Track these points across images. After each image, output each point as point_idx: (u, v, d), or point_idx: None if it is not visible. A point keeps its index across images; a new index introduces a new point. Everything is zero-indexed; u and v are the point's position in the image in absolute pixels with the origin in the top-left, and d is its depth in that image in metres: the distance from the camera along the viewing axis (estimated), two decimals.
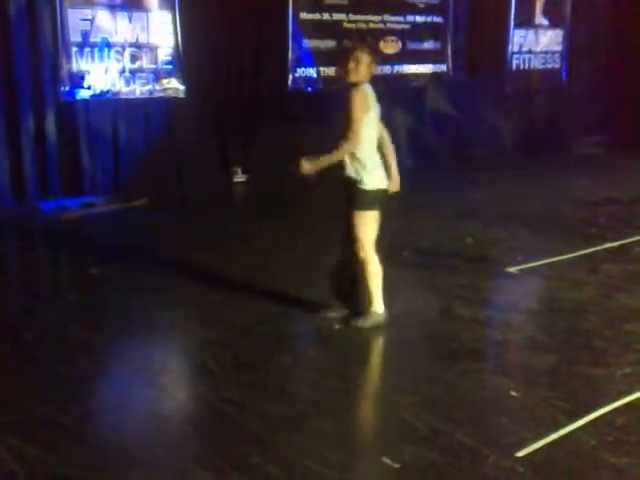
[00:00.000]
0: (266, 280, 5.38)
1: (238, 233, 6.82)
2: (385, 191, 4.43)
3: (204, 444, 3.29)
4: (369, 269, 4.45)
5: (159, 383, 3.86)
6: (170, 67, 8.23)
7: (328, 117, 8.78)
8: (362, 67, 4.29)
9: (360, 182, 4.34)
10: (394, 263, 5.81)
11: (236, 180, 8.95)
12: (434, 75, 10.26)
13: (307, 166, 4.27)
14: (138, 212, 7.45)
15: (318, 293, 5.14)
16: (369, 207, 4.36)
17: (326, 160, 4.29)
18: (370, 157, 4.36)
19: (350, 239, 4.42)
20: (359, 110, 4.22)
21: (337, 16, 9.16)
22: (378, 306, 4.55)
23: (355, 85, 4.29)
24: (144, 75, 8.05)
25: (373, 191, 4.36)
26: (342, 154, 4.29)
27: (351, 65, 4.28)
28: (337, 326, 4.57)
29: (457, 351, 4.33)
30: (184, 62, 8.29)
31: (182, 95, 8.37)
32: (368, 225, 4.38)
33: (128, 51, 7.89)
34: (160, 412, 3.59)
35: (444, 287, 5.27)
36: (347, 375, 3.95)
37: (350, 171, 4.35)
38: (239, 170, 8.97)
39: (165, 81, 8.25)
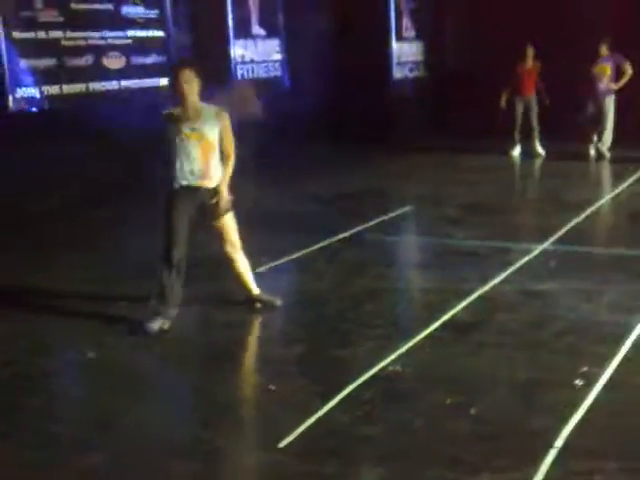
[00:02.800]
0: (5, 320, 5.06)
1: None
2: None
3: None
4: (245, 261, 4.95)
5: None
6: None
7: (57, 137, 8.49)
8: (195, 85, 4.57)
9: (220, 189, 4.76)
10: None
11: None
12: (165, 88, 10.21)
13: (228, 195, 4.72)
14: None
15: (64, 328, 4.94)
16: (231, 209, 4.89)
17: (229, 175, 4.77)
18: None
19: (226, 241, 4.85)
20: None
21: (53, 34, 8.79)
22: (255, 288, 5.08)
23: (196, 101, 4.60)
24: None
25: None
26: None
27: (185, 86, 4.53)
28: (90, 354, 4.43)
29: (214, 356, 4.44)
30: None
31: None
32: (235, 224, 4.87)
33: None
34: None
35: (203, 296, 5.30)
36: (109, 406, 3.82)
37: (215, 181, 4.73)
38: None
39: None
